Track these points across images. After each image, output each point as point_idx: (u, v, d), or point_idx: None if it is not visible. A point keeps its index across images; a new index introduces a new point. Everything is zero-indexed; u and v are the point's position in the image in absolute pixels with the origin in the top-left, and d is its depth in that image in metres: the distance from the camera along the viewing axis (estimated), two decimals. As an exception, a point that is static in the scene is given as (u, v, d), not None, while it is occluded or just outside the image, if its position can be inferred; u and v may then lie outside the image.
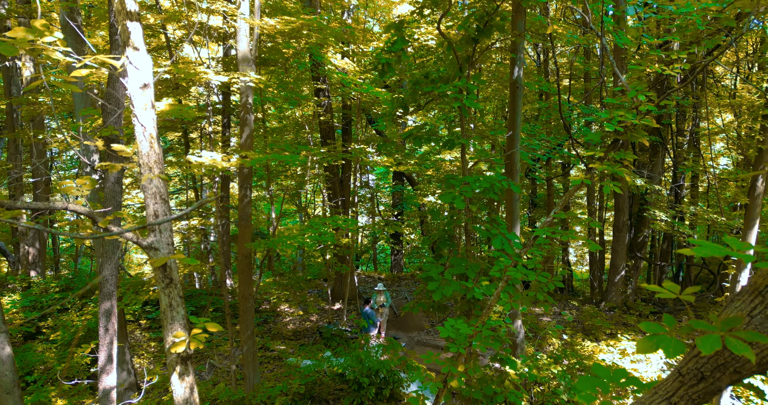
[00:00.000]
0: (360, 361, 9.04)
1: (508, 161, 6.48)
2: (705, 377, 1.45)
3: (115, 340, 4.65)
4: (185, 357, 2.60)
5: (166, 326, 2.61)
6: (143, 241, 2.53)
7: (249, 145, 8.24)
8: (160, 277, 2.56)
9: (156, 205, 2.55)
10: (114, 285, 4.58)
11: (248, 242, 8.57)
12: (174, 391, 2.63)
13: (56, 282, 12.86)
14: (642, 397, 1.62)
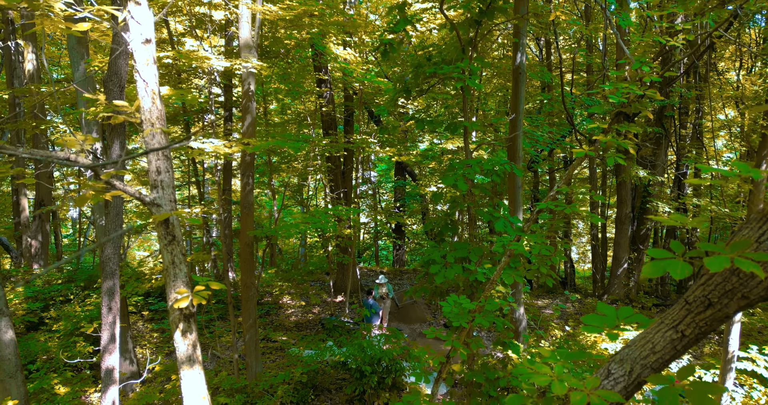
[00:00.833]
0: (362, 350, 9.03)
1: (510, 144, 6.46)
2: (712, 304, 1.43)
3: (118, 319, 4.64)
4: (188, 314, 2.59)
5: (169, 283, 2.60)
6: (146, 197, 2.52)
7: (251, 132, 8.24)
8: (162, 233, 2.55)
9: (158, 161, 2.54)
10: (116, 264, 4.57)
11: (250, 230, 8.57)
12: (177, 349, 2.62)
13: (59, 274, 12.88)
14: (649, 328, 1.61)
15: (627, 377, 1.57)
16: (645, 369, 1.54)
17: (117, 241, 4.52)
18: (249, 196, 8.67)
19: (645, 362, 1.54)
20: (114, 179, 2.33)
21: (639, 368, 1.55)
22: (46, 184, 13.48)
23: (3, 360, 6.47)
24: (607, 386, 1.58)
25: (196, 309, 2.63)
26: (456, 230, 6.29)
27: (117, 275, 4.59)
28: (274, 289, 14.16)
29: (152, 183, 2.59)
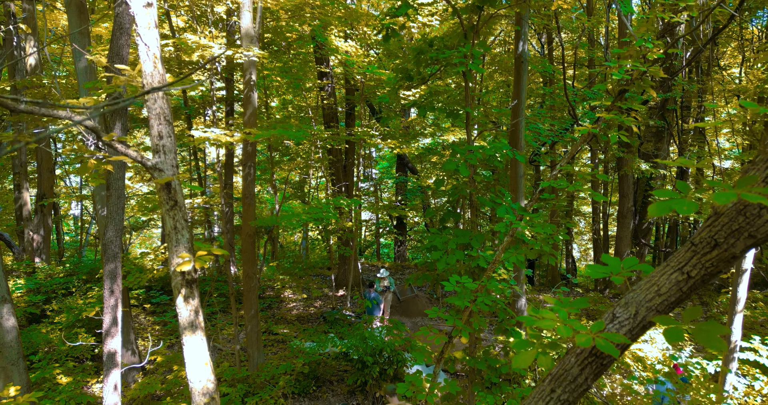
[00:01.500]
0: (364, 341, 9.03)
1: (512, 130, 6.45)
2: (719, 244, 1.42)
3: (120, 303, 4.64)
4: (190, 280, 2.58)
5: (171, 249, 2.59)
6: (148, 161, 2.51)
7: (253, 122, 8.23)
8: (164, 199, 2.55)
9: (160, 125, 2.53)
10: (118, 247, 4.57)
11: (252, 221, 8.57)
12: (179, 314, 2.61)
13: (61, 267, 12.89)
14: (654, 271, 1.60)
15: (632, 320, 1.56)
16: (650, 311, 1.53)
17: (119, 225, 4.51)
18: (251, 187, 8.67)
19: (650, 305, 1.53)
20: (115, 142, 2.32)
21: (644, 311, 1.54)
22: (47, 184, 13.49)
23: (5, 347, 6.48)
24: (612, 329, 1.57)
25: (198, 275, 2.62)
26: (458, 217, 6.28)
27: (119, 258, 4.58)
28: (275, 283, 14.16)
29: (154, 148, 2.58)
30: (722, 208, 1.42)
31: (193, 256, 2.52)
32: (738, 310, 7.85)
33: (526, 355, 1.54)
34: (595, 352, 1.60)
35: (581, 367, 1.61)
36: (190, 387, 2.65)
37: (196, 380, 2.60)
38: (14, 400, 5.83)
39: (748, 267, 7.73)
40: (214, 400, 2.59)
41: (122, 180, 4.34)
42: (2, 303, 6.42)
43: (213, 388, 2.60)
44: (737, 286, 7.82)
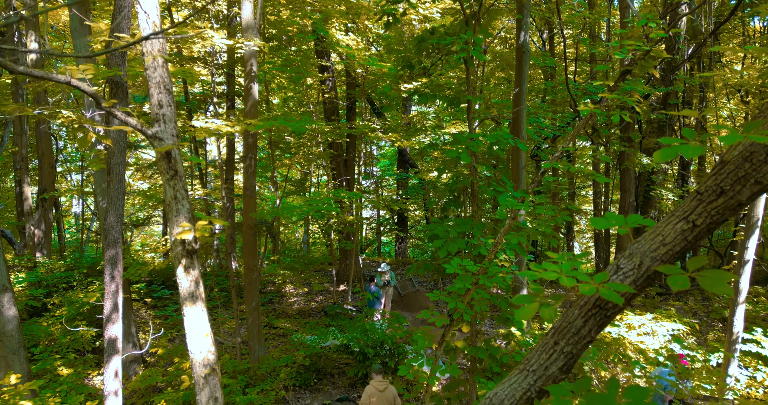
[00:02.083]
0: (365, 333, 9.01)
1: (514, 117, 6.43)
2: (725, 191, 1.41)
3: (121, 289, 4.63)
4: (191, 251, 2.57)
5: (171, 219, 2.58)
6: (148, 130, 2.50)
7: (254, 114, 8.23)
8: (164, 168, 2.53)
9: (160, 94, 2.52)
10: (119, 232, 4.56)
11: (253, 212, 8.56)
12: (180, 285, 2.60)
13: (62, 262, 12.89)
14: (659, 223, 1.58)
15: (636, 271, 1.55)
16: (655, 261, 1.52)
17: (119, 210, 4.51)
18: (251, 179, 8.67)
19: (655, 255, 1.52)
20: (115, 110, 2.31)
21: (648, 261, 1.52)
22: (48, 179, 13.50)
23: (6, 336, 6.47)
24: (616, 280, 1.55)
25: (198, 246, 2.62)
26: (459, 206, 6.26)
27: (120, 244, 4.58)
28: (276, 278, 14.15)
29: (154, 117, 2.57)
30: (728, 157, 1.40)
31: (193, 226, 2.51)
32: (740, 302, 7.83)
33: (529, 308, 1.52)
34: (599, 303, 1.59)
35: (585, 318, 1.60)
36: (190, 358, 2.64)
37: (196, 351, 2.59)
38: (15, 388, 5.83)
39: (750, 258, 7.71)
40: (214, 371, 2.57)
41: (123, 165, 4.33)
42: (3, 292, 6.41)
43: (213, 360, 2.59)
44: (739, 277, 7.80)
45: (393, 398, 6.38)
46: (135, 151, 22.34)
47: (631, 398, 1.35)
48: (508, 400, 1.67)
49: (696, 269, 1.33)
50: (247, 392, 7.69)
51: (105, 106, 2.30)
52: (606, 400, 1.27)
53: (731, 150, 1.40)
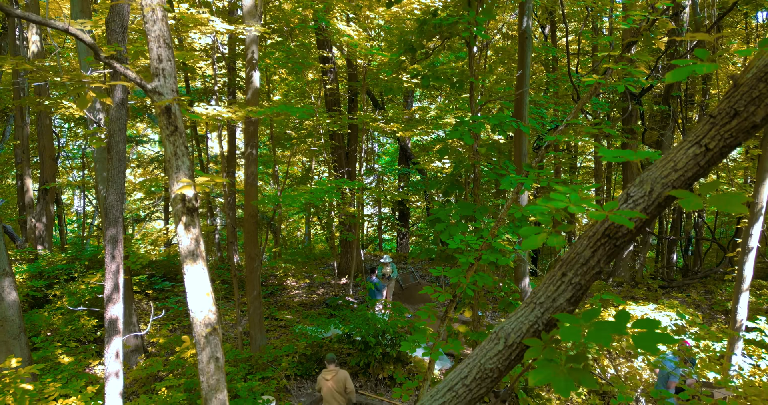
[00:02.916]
0: (367, 322, 8.98)
1: (516, 100, 6.40)
2: (738, 113, 1.37)
3: (122, 269, 4.61)
4: (191, 208, 2.54)
5: (172, 176, 2.55)
6: (147, 84, 2.47)
7: (255, 101, 8.20)
8: (164, 123, 2.50)
9: (160, 48, 2.49)
10: (120, 211, 4.53)
11: (254, 200, 8.54)
12: (180, 243, 2.57)
13: (62, 255, 12.87)
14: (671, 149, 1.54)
15: (647, 198, 1.51)
16: (666, 188, 1.48)
17: (120, 189, 4.48)
18: (252, 167, 8.64)
19: (666, 181, 1.48)
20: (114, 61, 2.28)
21: (659, 188, 1.48)
22: (49, 172, 13.48)
23: (6, 320, 6.45)
24: (626, 209, 1.51)
25: (198, 204, 2.58)
26: (461, 190, 6.22)
27: (121, 222, 4.55)
28: (278, 271, 14.13)
29: (153, 71, 2.54)
30: (741, 80, 1.37)
31: (193, 182, 2.48)
32: (743, 289, 7.79)
33: (536, 238, 1.49)
34: (608, 233, 1.55)
35: (593, 249, 1.57)
36: (191, 317, 2.61)
37: (197, 310, 2.56)
38: (15, 372, 5.81)
39: (754, 245, 7.66)
40: (215, 331, 2.55)
41: (123, 143, 4.31)
42: (3, 276, 6.39)
43: (214, 319, 2.56)
44: (743, 264, 7.75)
45: (343, 384, 6.66)
46: (136, 146, 22.33)
47: (642, 328, 1.32)
48: (514, 333, 1.63)
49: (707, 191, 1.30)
50: (249, 379, 7.66)
51: (103, 55, 2.27)
52: (616, 328, 1.24)
53: (745, 73, 1.37)
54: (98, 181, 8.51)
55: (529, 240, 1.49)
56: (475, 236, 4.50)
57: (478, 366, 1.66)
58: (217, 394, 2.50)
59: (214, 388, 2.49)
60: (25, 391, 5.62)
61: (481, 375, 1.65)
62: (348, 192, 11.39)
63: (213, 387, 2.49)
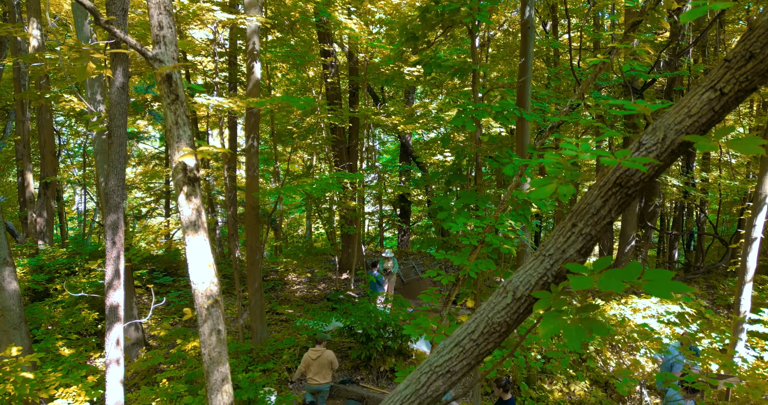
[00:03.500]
0: (368, 314, 8.96)
1: (519, 88, 6.37)
2: (754, 55, 1.34)
3: (122, 255, 4.58)
4: (192, 178, 2.51)
5: (173, 145, 2.52)
6: (148, 51, 2.44)
7: (256, 92, 8.17)
8: (165, 92, 2.47)
9: (160, 15, 2.45)
10: (120, 197, 4.51)
11: (255, 192, 8.51)
12: (181, 213, 2.54)
13: (63, 250, 12.85)
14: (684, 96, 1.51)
15: (660, 145, 1.48)
16: (679, 134, 1.44)
17: (120, 174, 4.45)
18: (254, 158, 8.61)
19: (679, 127, 1.45)
20: (114, 27, 2.25)
21: (673, 134, 1.45)
22: (50, 167, 13.46)
23: (7, 310, 6.42)
24: (638, 157, 1.48)
25: (200, 174, 2.55)
26: (464, 180, 6.19)
27: (121, 208, 4.52)
28: (279, 266, 14.10)
29: (154, 39, 2.51)
30: (756, 22, 1.34)
31: (195, 151, 2.45)
32: (747, 280, 7.75)
33: (546, 188, 1.46)
34: (620, 182, 1.51)
35: (604, 198, 1.53)
36: (192, 288, 2.58)
37: (199, 282, 2.53)
38: (16, 360, 5.78)
39: (757, 236, 7.62)
40: (217, 303, 2.51)
41: (123, 128, 4.28)
42: (3, 266, 6.36)
43: (216, 291, 2.53)
44: (746, 255, 7.72)
45: (329, 363, 7.13)
46: (137, 143, 22.32)
47: (653, 278, 1.29)
48: (522, 286, 1.60)
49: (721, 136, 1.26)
50: (250, 369, 7.64)
51: (104, 20, 2.24)
52: (627, 275, 1.21)
53: (761, 16, 1.33)
54: (98, 173, 8.49)
55: (539, 190, 1.46)
56: (479, 220, 4.47)
57: (485, 320, 1.63)
58: (219, 367, 2.47)
59: (216, 360, 2.46)
60: (25, 379, 5.59)
61: (489, 329, 1.61)
62: (349, 186, 11.37)
63: (215, 359, 2.46)
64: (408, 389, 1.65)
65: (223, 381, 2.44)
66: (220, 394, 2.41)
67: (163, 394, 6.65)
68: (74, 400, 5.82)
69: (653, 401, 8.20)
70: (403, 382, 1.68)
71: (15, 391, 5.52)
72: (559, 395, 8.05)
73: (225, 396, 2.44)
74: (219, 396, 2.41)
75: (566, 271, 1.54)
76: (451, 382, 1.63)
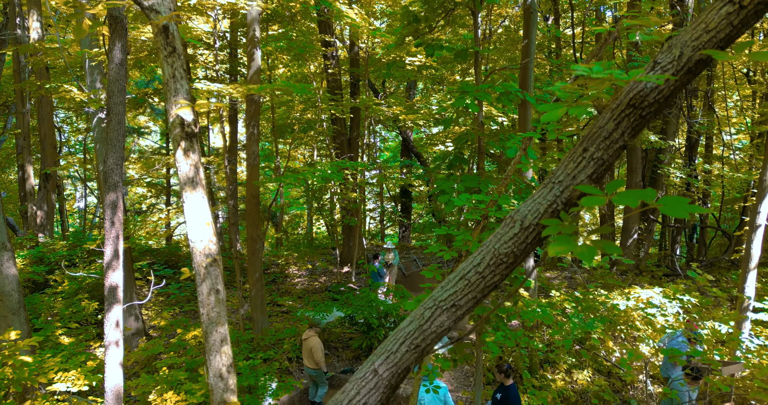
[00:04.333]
0: (370, 303, 8.90)
1: (522, 69, 6.31)
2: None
3: (122, 235, 4.52)
4: (190, 133, 2.45)
5: (170, 99, 2.46)
6: (144, 1, 2.38)
7: (256, 80, 8.12)
8: (162, 44, 2.42)
9: (159, -35, 2.41)
10: (119, 175, 4.45)
11: (256, 180, 8.47)
12: (179, 169, 2.48)
13: (63, 242, 12.81)
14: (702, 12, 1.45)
15: (676, 62, 1.42)
16: (696, 50, 1.39)
17: (119, 152, 4.40)
18: (254, 147, 8.56)
19: (696, 43, 1.39)
20: None
21: (689, 51, 1.39)
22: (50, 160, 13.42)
23: (5, 295, 6.37)
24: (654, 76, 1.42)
25: (198, 130, 2.50)
26: (466, 163, 6.13)
27: (120, 187, 4.47)
28: (280, 259, 14.06)
29: (153, -11, 2.46)
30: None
31: (192, 104, 2.40)
32: (751, 267, 7.69)
33: (556, 111, 1.40)
34: (633, 103, 1.45)
35: (617, 121, 1.47)
36: (191, 247, 2.52)
37: (197, 240, 2.47)
38: (15, 344, 5.73)
39: (762, 223, 7.56)
40: (215, 262, 2.46)
41: (122, 105, 4.23)
42: (2, 250, 6.31)
43: (215, 250, 2.47)
44: (750, 242, 7.65)
45: (310, 348, 7.29)
46: (138, 138, 22.29)
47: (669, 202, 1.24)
48: (531, 214, 1.53)
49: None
50: (251, 357, 7.59)
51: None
52: (643, 195, 1.16)
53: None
54: (98, 162, 8.44)
55: (549, 114, 1.40)
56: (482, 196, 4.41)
57: (492, 252, 1.57)
58: (218, 328, 2.42)
59: (214, 321, 2.41)
60: (24, 363, 5.54)
61: (495, 261, 1.56)
62: (350, 178, 11.32)
63: (214, 320, 2.41)
64: (411, 325, 1.60)
65: (222, 342, 2.39)
66: (219, 355, 2.36)
67: (163, 381, 6.60)
68: (73, 384, 5.78)
69: (656, 390, 8.14)
70: (406, 319, 1.62)
71: (13, 375, 5.47)
72: (562, 384, 8.00)
73: (224, 357, 2.38)
74: (218, 357, 2.36)
75: (577, 197, 1.48)
76: (456, 317, 1.58)
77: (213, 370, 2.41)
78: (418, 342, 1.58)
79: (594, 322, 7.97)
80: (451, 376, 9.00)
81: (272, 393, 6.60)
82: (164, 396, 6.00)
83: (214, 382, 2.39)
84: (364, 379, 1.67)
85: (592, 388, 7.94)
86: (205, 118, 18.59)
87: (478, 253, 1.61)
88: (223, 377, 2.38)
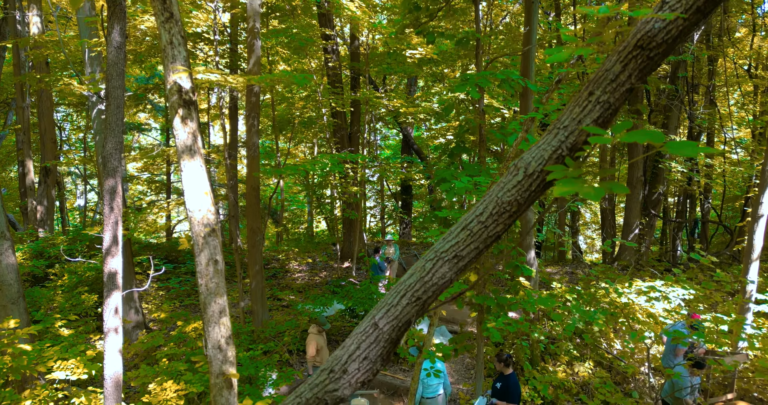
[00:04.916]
0: (370, 296, 8.88)
1: (523, 57, 6.28)
2: None
3: (120, 221, 4.50)
4: (188, 101, 2.43)
5: (167, 66, 2.43)
6: (144, -34, 2.35)
7: (256, 71, 8.09)
8: (159, 9, 2.39)
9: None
10: (118, 161, 4.42)
11: (256, 172, 8.44)
12: (176, 137, 2.45)
13: (63, 237, 12.80)
14: None
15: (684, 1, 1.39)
16: None
17: (118, 137, 4.37)
18: (254, 138, 8.53)
19: None
20: None
21: None
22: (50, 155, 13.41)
23: (5, 284, 6.34)
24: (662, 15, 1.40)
25: (196, 98, 2.47)
26: (468, 151, 6.11)
27: (119, 173, 4.44)
28: (280, 255, 14.03)
29: (151, -47, 2.43)
30: None
31: (190, 71, 2.37)
32: (753, 258, 7.66)
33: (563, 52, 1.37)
34: (641, 44, 1.42)
35: (624, 63, 1.44)
36: (189, 216, 2.49)
37: (195, 209, 2.44)
38: (14, 333, 5.71)
39: (764, 213, 7.53)
40: (214, 232, 2.43)
41: (121, 89, 4.20)
42: (1, 239, 6.29)
43: (213, 220, 2.44)
44: (753, 233, 7.62)
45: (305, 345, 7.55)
46: (138, 134, 22.29)
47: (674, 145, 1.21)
48: (535, 161, 1.50)
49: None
50: (251, 348, 7.56)
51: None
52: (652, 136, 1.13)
53: None
54: (98, 153, 8.41)
55: (556, 55, 1.37)
56: (484, 178, 4.39)
57: (494, 200, 1.53)
58: (217, 299, 2.39)
59: (213, 291, 2.38)
60: (23, 351, 5.52)
61: (498, 210, 1.52)
62: (351, 172, 11.29)
63: (212, 290, 2.38)
64: (412, 278, 1.57)
65: (221, 313, 2.36)
66: (217, 326, 2.33)
67: (163, 372, 6.57)
68: (72, 372, 5.75)
69: (658, 382, 8.10)
70: (407, 273, 1.59)
71: (12, 363, 5.45)
72: (563, 376, 7.96)
73: (223, 328, 2.35)
74: (216, 328, 2.33)
75: (583, 142, 1.45)
76: (458, 269, 1.55)
77: (212, 342, 2.38)
78: (419, 294, 1.55)
79: (596, 313, 7.93)
80: (452, 369, 8.98)
81: (272, 383, 6.57)
82: (164, 385, 5.97)
83: (213, 354, 2.37)
84: (365, 332, 1.64)
85: (593, 379, 7.92)
86: (206, 114, 18.58)
87: (481, 203, 1.58)
88: (221, 349, 2.36)
